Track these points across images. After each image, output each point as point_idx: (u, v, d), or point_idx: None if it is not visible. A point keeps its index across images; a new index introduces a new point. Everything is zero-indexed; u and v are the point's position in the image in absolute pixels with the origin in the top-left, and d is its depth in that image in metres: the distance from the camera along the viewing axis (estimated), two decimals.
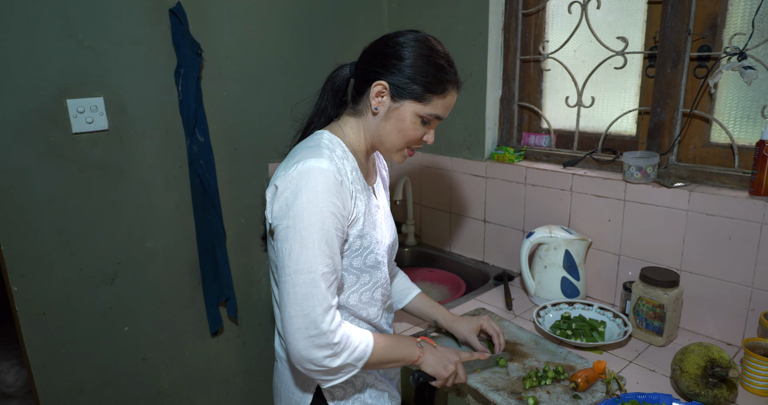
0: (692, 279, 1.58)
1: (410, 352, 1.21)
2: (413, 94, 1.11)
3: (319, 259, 1.04)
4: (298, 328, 1.04)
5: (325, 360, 1.05)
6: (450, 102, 1.16)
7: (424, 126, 1.16)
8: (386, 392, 1.32)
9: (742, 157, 1.57)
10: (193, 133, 1.77)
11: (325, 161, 1.06)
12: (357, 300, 1.21)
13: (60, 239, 1.61)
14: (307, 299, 1.03)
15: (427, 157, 2.33)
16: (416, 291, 1.56)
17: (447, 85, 1.13)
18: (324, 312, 1.04)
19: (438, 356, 1.25)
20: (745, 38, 1.49)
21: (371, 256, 1.19)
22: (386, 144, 1.18)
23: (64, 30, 1.52)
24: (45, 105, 1.52)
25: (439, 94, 1.13)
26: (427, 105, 1.13)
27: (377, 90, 1.13)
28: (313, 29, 2.07)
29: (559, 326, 1.60)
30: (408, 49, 1.11)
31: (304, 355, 1.05)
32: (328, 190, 1.04)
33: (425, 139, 1.19)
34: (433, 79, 1.11)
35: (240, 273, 2.02)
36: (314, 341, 1.04)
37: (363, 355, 1.10)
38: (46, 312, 1.61)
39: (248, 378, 2.17)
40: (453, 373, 1.26)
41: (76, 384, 1.71)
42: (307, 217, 1.03)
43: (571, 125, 1.98)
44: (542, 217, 1.93)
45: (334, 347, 1.05)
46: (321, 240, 1.04)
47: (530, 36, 2.01)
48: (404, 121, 1.14)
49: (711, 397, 1.23)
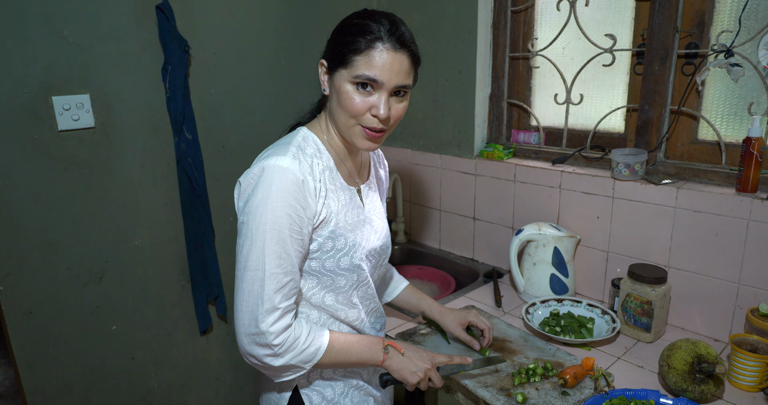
0: (680, 276, 1.59)
1: (372, 356, 1.18)
2: (338, 61, 1.07)
3: (269, 259, 1.03)
4: (242, 324, 1.05)
5: (266, 358, 1.06)
6: (381, 59, 1.04)
7: (362, 94, 1.07)
8: (371, 397, 1.31)
9: (729, 154, 1.58)
10: (181, 130, 1.75)
11: (287, 160, 1.05)
12: (333, 300, 1.19)
13: (46, 238, 1.59)
14: (252, 297, 1.04)
15: (417, 155, 2.33)
16: (404, 283, 1.55)
17: (371, 41, 1.04)
18: (267, 312, 1.04)
19: (404, 363, 1.21)
20: (732, 36, 1.50)
21: (345, 258, 1.16)
22: (339, 126, 1.13)
23: (49, 26, 1.50)
24: (30, 102, 1.50)
25: (361, 52, 1.04)
26: (351, 67, 1.05)
27: (322, 70, 1.13)
28: (302, 26, 2.06)
29: (548, 323, 1.60)
30: (341, 22, 1.11)
31: (246, 350, 1.07)
32: (284, 190, 1.03)
33: (373, 113, 1.08)
34: (352, 39, 1.05)
35: (229, 271, 2.01)
36: (254, 339, 1.05)
37: (311, 357, 1.10)
38: (32, 311, 1.60)
39: (238, 376, 2.16)
40: (422, 379, 1.21)
41: (64, 383, 1.70)
42: (260, 215, 1.03)
43: (560, 122, 1.98)
44: (531, 214, 1.94)
45: (275, 348, 1.05)
46: (272, 239, 1.03)
47: (519, 33, 2.01)
48: (341, 93, 1.08)
49: (698, 393, 1.24)
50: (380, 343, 1.20)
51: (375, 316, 1.33)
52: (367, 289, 1.25)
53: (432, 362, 1.24)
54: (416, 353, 1.24)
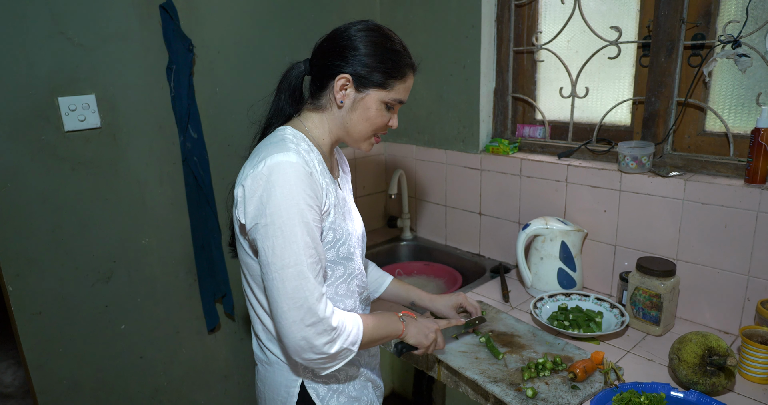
0: (689, 268, 1.58)
1: (395, 327, 1.26)
2: (376, 82, 1.15)
3: (303, 251, 1.04)
4: (294, 321, 1.04)
5: (325, 346, 1.07)
6: (409, 85, 1.21)
7: (388, 112, 1.20)
8: (370, 382, 1.34)
9: (738, 145, 1.57)
10: (186, 129, 1.76)
11: (293, 155, 1.07)
12: (333, 293, 1.21)
13: (54, 238, 1.60)
14: (299, 291, 1.04)
15: (422, 151, 2.32)
16: (389, 278, 1.59)
17: (405, 69, 1.17)
18: (317, 300, 1.06)
19: (419, 327, 1.31)
20: (739, 26, 1.48)
21: (344, 247, 1.19)
22: (354, 135, 1.21)
23: (54, 27, 1.50)
24: (36, 103, 1.51)
25: (400, 78, 1.17)
26: (390, 91, 1.16)
27: (341, 84, 1.15)
28: (305, 24, 2.06)
29: (557, 317, 1.60)
30: (362, 39, 1.14)
31: (303, 345, 1.06)
32: (302, 183, 1.05)
33: (390, 124, 1.23)
34: (393, 64, 1.15)
35: (236, 269, 2.01)
36: (314, 329, 1.05)
37: (357, 338, 1.13)
38: (42, 311, 1.60)
39: (246, 374, 2.17)
40: (434, 340, 1.32)
41: (73, 383, 1.70)
42: (285, 212, 1.03)
43: (566, 116, 1.97)
44: (538, 208, 1.93)
45: (332, 332, 1.07)
46: (303, 232, 1.04)
47: (523, 27, 2.00)
48: (370, 109, 1.17)
49: (709, 386, 1.23)
50: (395, 315, 1.29)
51: (365, 304, 1.37)
52: (362, 277, 1.29)
53: (437, 324, 1.36)
54: (423, 318, 1.37)
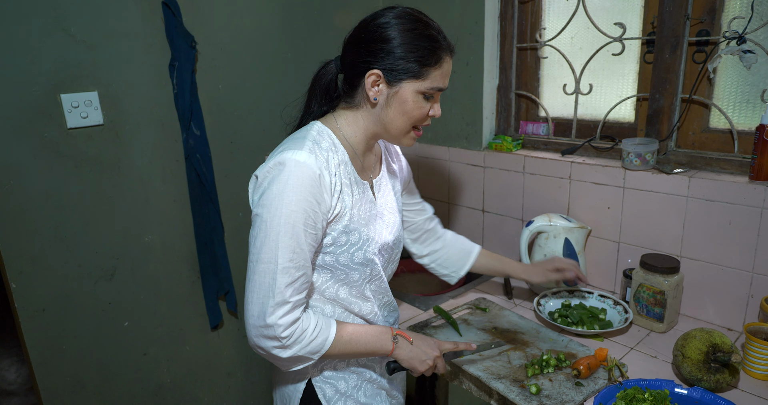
0: (692, 265, 1.58)
1: (381, 346, 1.19)
2: (409, 73, 1.08)
3: (282, 253, 1.03)
4: (251, 315, 1.06)
5: (274, 350, 1.07)
6: (447, 70, 1.13)
7: (427, 101, 1.13)
8: (383, 391, 1.31)
9: (742, 142, 1.56)
10: (189, 126, 1.75)
11: (304, 154, 1.05)
12: (347, 294, 1.20)
13: (57, 235, 1.60)
14: (263, 289, 1.04)
15: (425, 148, 2.32)
16: (476, 249, 1.59)
17: (441, 53, 1.10)
18: (276, 306, 1.04)
19: (414, 352, 1.22)
20: (744, 22, 1.48)
21: (359, 253, 1.16)
22: (392, 131, 1.15)
23: (56, 24, 1.50)
24: (39, 100, 1.51)
25: (435, 65, 1.10)
26: (426, 80, 1.10)
27: (371, 80, 1.10)
28: (308, 19, 2.05)
29: (560, 314, 1.60)
30: (391, 28, 1.08)
31: (255, 342, 1.08)
32: (300, 184, 1.03)
33: (432, 114, 1.16)
34: (426, 51, 1.08)
35: (239, 266, 2.01)
36: (262, 331, 1.05)
37: (319, 348, 1.10)
38: (45, 308, 1.61)
39: (249, 371, 2.17)
40: (431, 367, 1.23)
41: (77, 380, 1.71)
42: (275, 209, 1.02)
43: (569, 113, 1.97)
44: (541, 205, 1.93)
45: (282, 340, 1.05)
46: (286, 234, 1.03)
47: (527, 23, 1.99)
48: (406, 102, 1.11)
49: (713, 382, 1.23)
50: (389, 332, 1.21)
51: (388, 309, 1.33)
52: (380, 283, 1.25)
53: (440, 349, 1.26)
54: (424, 341, 1.25)
